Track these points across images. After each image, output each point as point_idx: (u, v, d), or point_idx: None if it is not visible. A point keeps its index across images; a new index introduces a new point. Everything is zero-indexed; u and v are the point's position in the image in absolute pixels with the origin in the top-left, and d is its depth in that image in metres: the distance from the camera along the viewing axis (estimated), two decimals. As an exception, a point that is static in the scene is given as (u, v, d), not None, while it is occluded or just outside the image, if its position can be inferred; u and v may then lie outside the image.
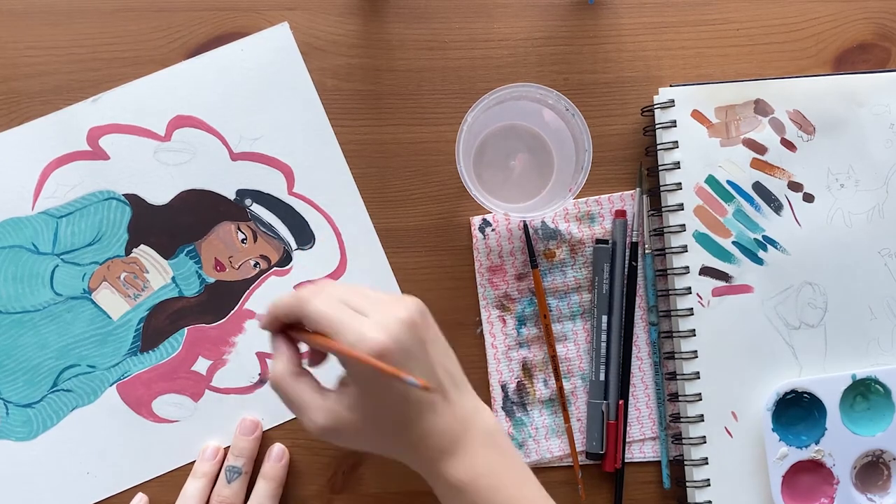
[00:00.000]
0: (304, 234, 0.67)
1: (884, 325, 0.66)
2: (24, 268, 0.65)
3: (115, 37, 0.66)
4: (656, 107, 0.66)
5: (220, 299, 0.66)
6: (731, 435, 0.65)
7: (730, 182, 0.65)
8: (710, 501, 0.64)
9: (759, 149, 0.65)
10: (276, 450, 0.65)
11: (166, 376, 0.66)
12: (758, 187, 0.65)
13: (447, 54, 0.67)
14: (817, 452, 0.64)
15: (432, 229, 0.67)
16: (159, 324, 0.66)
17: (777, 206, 0.65)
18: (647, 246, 0.66)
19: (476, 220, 0.67)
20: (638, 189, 0.67)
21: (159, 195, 0.66)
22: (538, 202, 0.66)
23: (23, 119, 0.66)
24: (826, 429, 0.64)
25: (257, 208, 0.67)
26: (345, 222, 0.67)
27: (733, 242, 0.65)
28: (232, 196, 0.66)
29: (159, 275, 0.66)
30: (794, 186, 0.66)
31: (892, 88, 0.66)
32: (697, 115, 0.65)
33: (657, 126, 0.65)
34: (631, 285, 0.67)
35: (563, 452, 0.66)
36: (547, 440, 0.66)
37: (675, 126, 0.65)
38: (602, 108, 0.67)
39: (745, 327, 0.65)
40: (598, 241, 0.66)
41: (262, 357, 0.66)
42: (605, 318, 0.66)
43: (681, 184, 0.65)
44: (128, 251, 0.66)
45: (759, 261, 0.65)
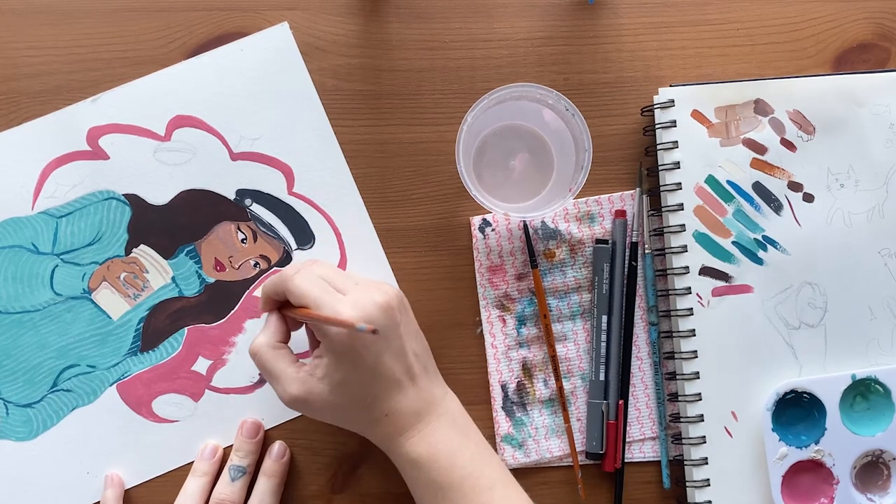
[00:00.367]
0: (304, 234, 0.67)
1: (884, 326, 0.66)
2: (23, 268, 0.65)
3: (115, 37, 0.66)
4: (656, 107, 0.66)
5: (220, 299, 0.66)
6: (730, 435, 0.65)
7: (730, 182, 0.65)
8: (710, 501, 0.64)
9: (759, 149, 0.65)
10: (277, 447, 0.65)
11: (166, 376, 0.66)
12: (758, 187, 0.65)
13: (447, 54, 0.67)
14: (817, 452, 0.64)
15: (432, 229, 0.67)
16: (159, 324, 0.66)
17: (777, 206, 0.65)
18: (646, 246, 0.66)
19: (476, 220, 0.67)
20: (638, 189, 0.67)
21: (159, 195, 0.66)
22: (538, 202, 0.66)
23: (23, 119, 0.66)
24: (826, 429, 0.64)
25: (257, 208, 0.67)
26: (345, 222, 0.67)
27: (733, 242, 0.65)
28: (232, 196, 0.66)
29: (159, 275, 0.66)
30: (794, 186, 0.66)
31: (891, 88, 0.66)
32: (697, 115, 0.65)
33: (657, 126, 0.65)
34: (631, 285, 0.67)
35: (563, 452, 0.66)
36: (547, 440, 0.66)
37: (675, 126, 0.65)
38: (602, 108, 0.67)
39: (744, 327, 0.65)
40: (598, 241, 0.66)
41: (262, 357, 0.66)
42: (604, 318, 0.66)
43: (681, 184, 0.65)
44: (128, 251, 0.66)
45: (759, 261, 0.65)
